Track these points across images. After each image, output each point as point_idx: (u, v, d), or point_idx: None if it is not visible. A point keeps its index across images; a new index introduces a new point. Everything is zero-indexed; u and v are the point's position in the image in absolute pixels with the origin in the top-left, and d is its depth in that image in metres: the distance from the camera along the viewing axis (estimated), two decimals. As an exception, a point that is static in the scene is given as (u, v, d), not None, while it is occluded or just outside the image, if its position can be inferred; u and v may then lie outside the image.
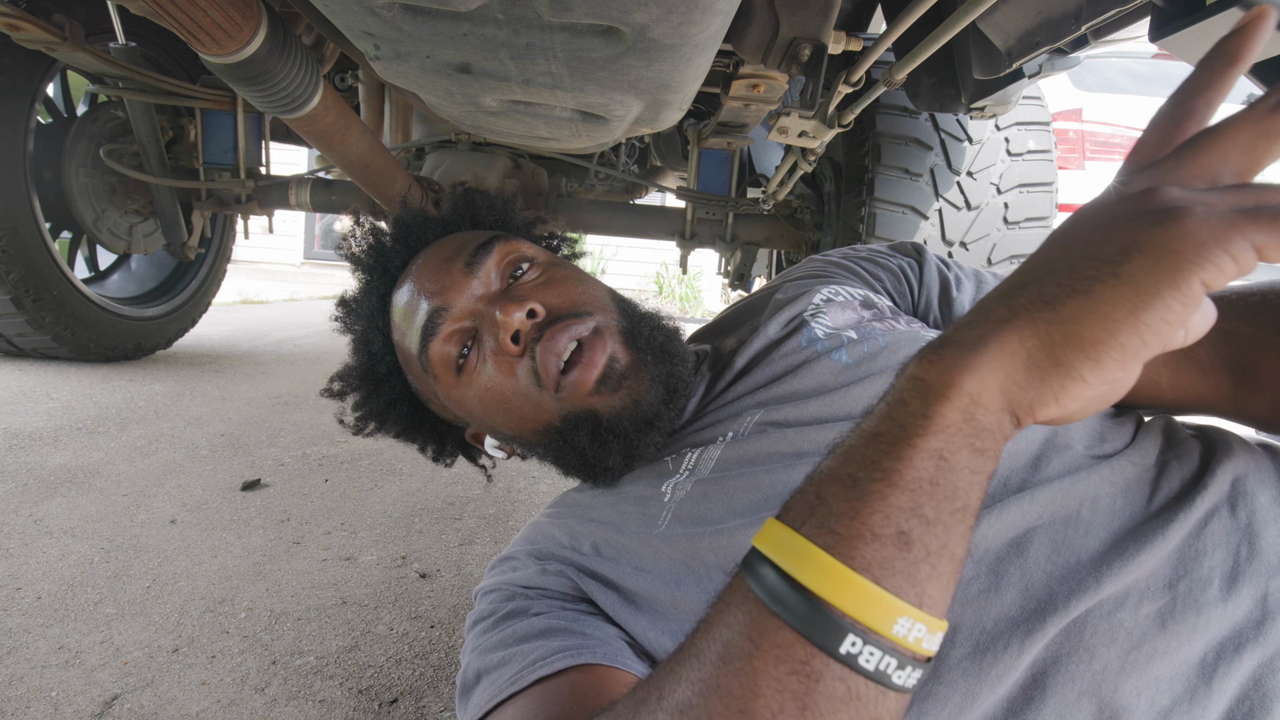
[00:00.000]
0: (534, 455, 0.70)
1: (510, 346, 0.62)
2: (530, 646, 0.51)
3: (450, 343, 0.66)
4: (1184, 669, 0.44)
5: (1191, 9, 0.83)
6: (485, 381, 0.65)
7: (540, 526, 0.67)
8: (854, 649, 0.29)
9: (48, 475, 1.51)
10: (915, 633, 0.30)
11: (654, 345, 0.64)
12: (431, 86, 1.21)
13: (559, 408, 0.62)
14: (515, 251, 0.69)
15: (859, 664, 0.29)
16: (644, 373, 0.62)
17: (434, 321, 0.66)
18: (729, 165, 2.39)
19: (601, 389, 0.61)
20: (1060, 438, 0.55)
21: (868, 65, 1.30)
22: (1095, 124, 3.98)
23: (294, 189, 2.45)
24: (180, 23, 1.03)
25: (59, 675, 0.89)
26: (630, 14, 0.86)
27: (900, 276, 0.74)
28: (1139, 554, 0.47)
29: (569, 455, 0.64)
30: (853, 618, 0.30)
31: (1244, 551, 0.47)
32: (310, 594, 1.12)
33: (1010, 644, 0.45)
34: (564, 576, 0.60)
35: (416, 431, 0.78)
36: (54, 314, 2.29)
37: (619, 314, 0.67)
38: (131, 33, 2.16)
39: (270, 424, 2.04)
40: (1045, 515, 0.49)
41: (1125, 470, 0.52)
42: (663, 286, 8.17)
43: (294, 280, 7.72)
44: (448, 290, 0.67)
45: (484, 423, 0.69)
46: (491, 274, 0.68)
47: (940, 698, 0.45)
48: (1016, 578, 0.47)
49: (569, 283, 0.68)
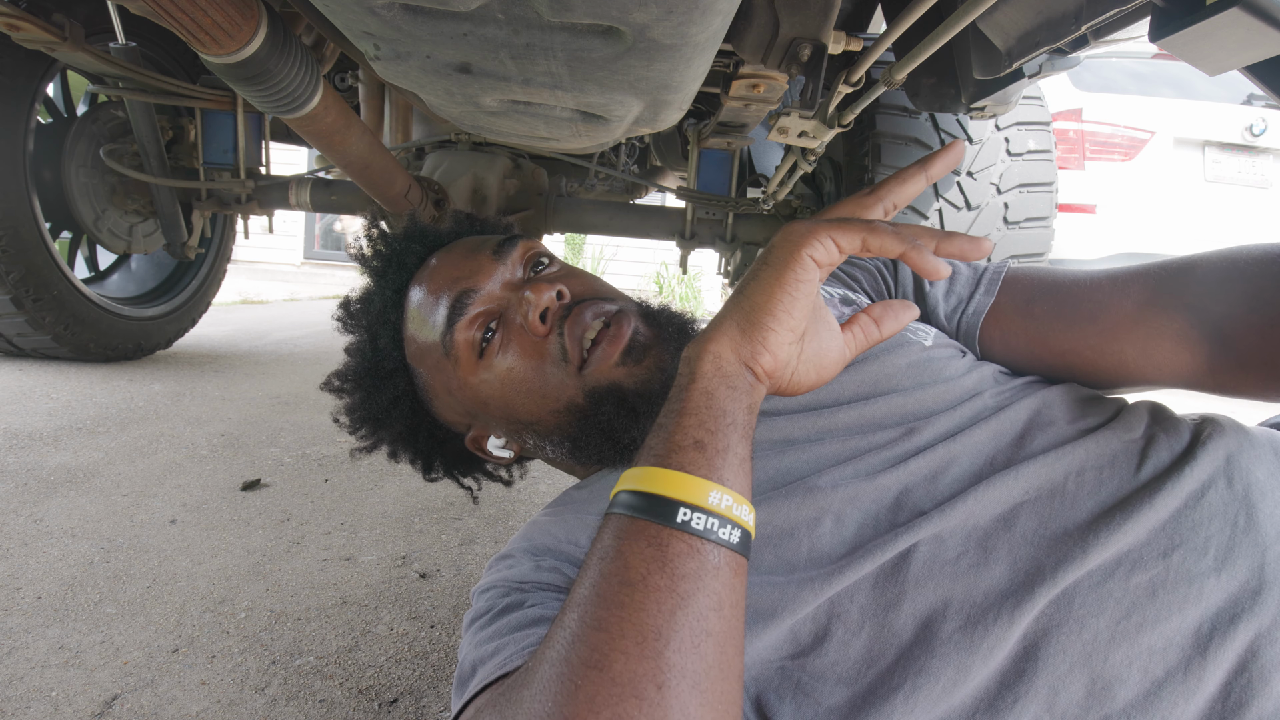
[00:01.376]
0: (547, 444, 0.70)
1: (538, 325, 0.65)
2: (523, 634, 0.52)
3: (475, 325, 0.67)
4: (1177, 639, 0.45)
5: (1191, 9, 0.83)
6: (509, 362, 0.66)
7: (538, 524, 0.67)
8: (685, 518, 0.40)
9: (48, 475, 1.51)
10: (725, 501, 0.42)
11: (674, 323, 0.68)
12: (431, 86, 1.21)
13: (583, 384, 0.64)
14: (536, 249, 0.73)
15: (691, 527, 0.40)
16: (667, 345, 0.65)
17: (463, 302, 0.68)
18: (729, 165, 2.39)
19: (627, 360, 0.64)
20: (1044, 415, 0.57)
21: (868, 65, 1.30)
22: (1095, 124, 3.98)
23: (294, 189, 2.44)
24: (180, 23, 1.03)
25: (59, 675, 0.89)
26: (630, 14, 0.86)
27: (877, 276, 0.77)
28: (1125, 523, 0.48)
29: (591, 434, 0.65)
30: (679, 499, 0.41)
31: (1241, 522, 0.48)
32: (310, 594, 1.12)
33: (1000, 616, 0.47)
34: (558, 572, 0.60)
35: (414, 436, 0.77)
36: (54, 314, 2.28)
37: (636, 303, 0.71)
38: (131, 33, 2.16)
39: (270, 424, 2.04)
40: (1032, 490, 0.51)
41: (1110, 443, 0.53)
42: (663, 286, 8.17)
43: (294, 280, 7.72)
44: (476, 274, 0.69)
45: (500, 409, 0.69)
46: (517, 264, 0.71)
47: (933, 671, 0.46)
48: (1005, 551, 0.49)
49: (589, 277, 0.72)
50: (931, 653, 0.47)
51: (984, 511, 0.51)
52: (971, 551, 0.50)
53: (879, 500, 0.53)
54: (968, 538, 0.50)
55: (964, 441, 0.55)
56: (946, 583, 0.49)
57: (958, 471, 0.54)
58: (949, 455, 0.55)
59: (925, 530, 0.51)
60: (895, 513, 0.53)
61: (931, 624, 0.48)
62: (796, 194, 2.58)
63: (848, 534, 0.53)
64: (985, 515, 0.51)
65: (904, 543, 0.51)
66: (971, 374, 0.62)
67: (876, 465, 0.55)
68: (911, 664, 0.47)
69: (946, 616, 0.48)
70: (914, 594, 0.49)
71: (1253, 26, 0.78)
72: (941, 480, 0.54)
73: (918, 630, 0.48)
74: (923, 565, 0.50)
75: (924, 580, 0.49)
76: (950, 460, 0.54)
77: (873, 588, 0.50)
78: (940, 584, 0.49)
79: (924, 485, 0.54)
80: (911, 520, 0.52)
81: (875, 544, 0.51)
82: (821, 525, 0.53)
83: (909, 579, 0.50)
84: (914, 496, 0.53)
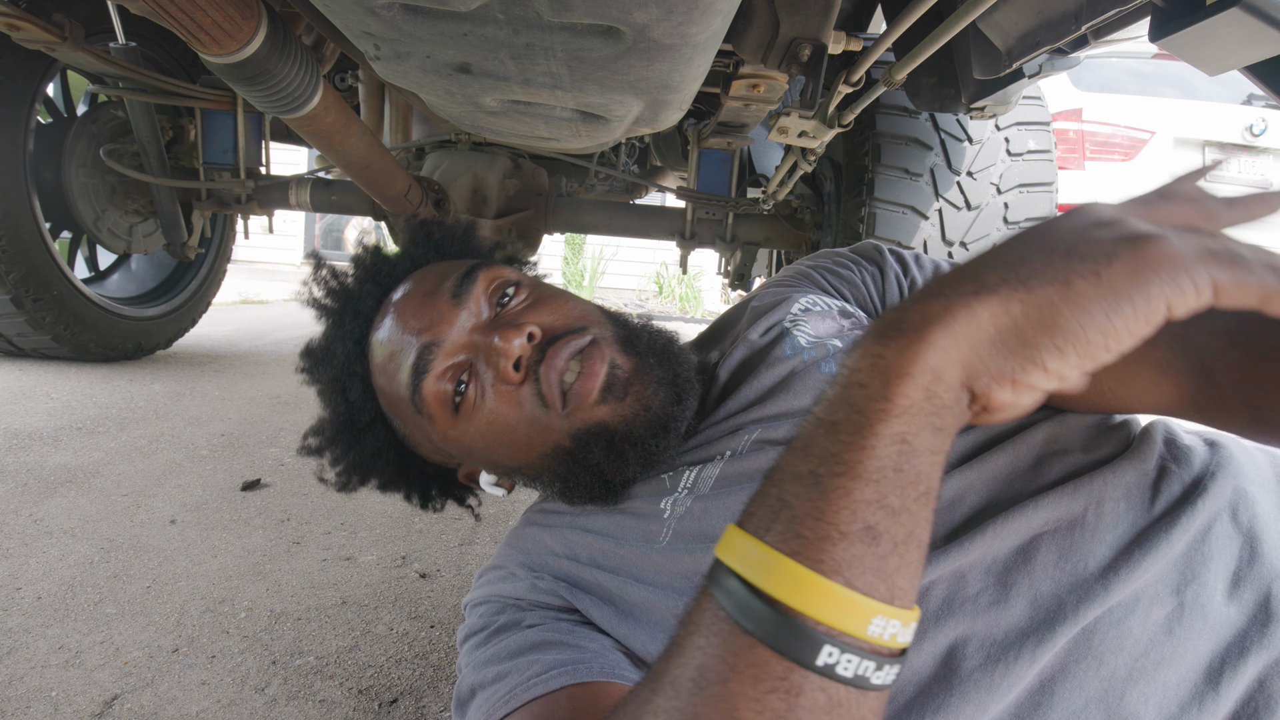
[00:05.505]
0: (537, 484, 0.68)
1: (512, 375, 0.60)
2: (525, 661, 0.50)
3: (445, 379, 0.63)
4: (1191, 675, 0.44)
5: (1191, 9, 0.83)
6: (487, 415, 0.62)
7: (531, 534, 0.65)
8: (831, 659, 0.28)
9: (48, 475, 1.51)
10: (890, 629, 0.29)
11: (654, 348, 0.63)
12: (431, 86, 1.21)
13: (568, 426, 0.60)
14: (499, 277, 0.67)
15: (837, 673, 0.28)
16: (648, 377, 0.61)
17: (425, 359, 0.62)
18: (729, 165, 2.39)
19: (608, 398, 0.59)
20: (1058, 441, 0.55)
21: (868, 65, 1.30)
22: (1095, 124, 3.98)
23: (294, 189, 2.44)
24: (180, 23, 1.03)
25: (59, 675, 0.89)
26: (630, 14, 0.86)
27: (863, 290, 0.74)
28: (1144, 559, 0.47)
29: (580, 475, 0.62)
30: (827, 625, 0.28)
31: (1246, 555, 0.47)
32: (310, 594, 1.12)
33: (1021, 654, 0.45)
34: (555, 594, 0.58)
35: (403, 479, 0.75)
36: (54, 314, 2.28)
37: (613, 325, 0.65)
38: (131, 33, 2.16)
39: (270, 424, 2.04)
40: (1051, 521, 0.49)
41: (1126, 473, 0.52)
42: (663, 286, 8.17)
43: (294, 280, 7.71)
44: (437, 324, 0.63)
45: (485, 458, 0.67)
46: (480, 302, 0.65)
47: (952, 709, 0.45)
48: (1025, 587, 0.47)
49: (558, 300, 0.66)
50: (951, 690, 0.46)
51: (1003, 545, 0.49)
52: (991, 588, 0.48)
53: None
54: (987, 572, 0.49)
55: (980, 469, 0.54)
56: (967, 620, 0.47)
57: (975, 500, 0.53)
58: (965, 483, 0.53)
59: (945, 567, 0.49)
60: None
61: (951, 661, 0.47)
62: (796, 194, 2.58)
63: None
64: (1004, 548, 0.49)
65: (925, 578, 0.49)
66: None
67: None
68: (930, 701, 0.46)
69: (967, 654, 0.47)
70: (934, 631, 0.48)
71: (1253, 26, 0.78)
72: (959, 509, 0.52)
73: (937, 667, 0.47)
74: (942, 601, 0.49)
75: (944, 617, 0.48)
76: (967, 488, 0.53)
77: None
78: (960, 621, 0.48)
79: (943, 512, 0.52)
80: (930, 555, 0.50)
81: None
82: None
83: (928, 615, 0.48)
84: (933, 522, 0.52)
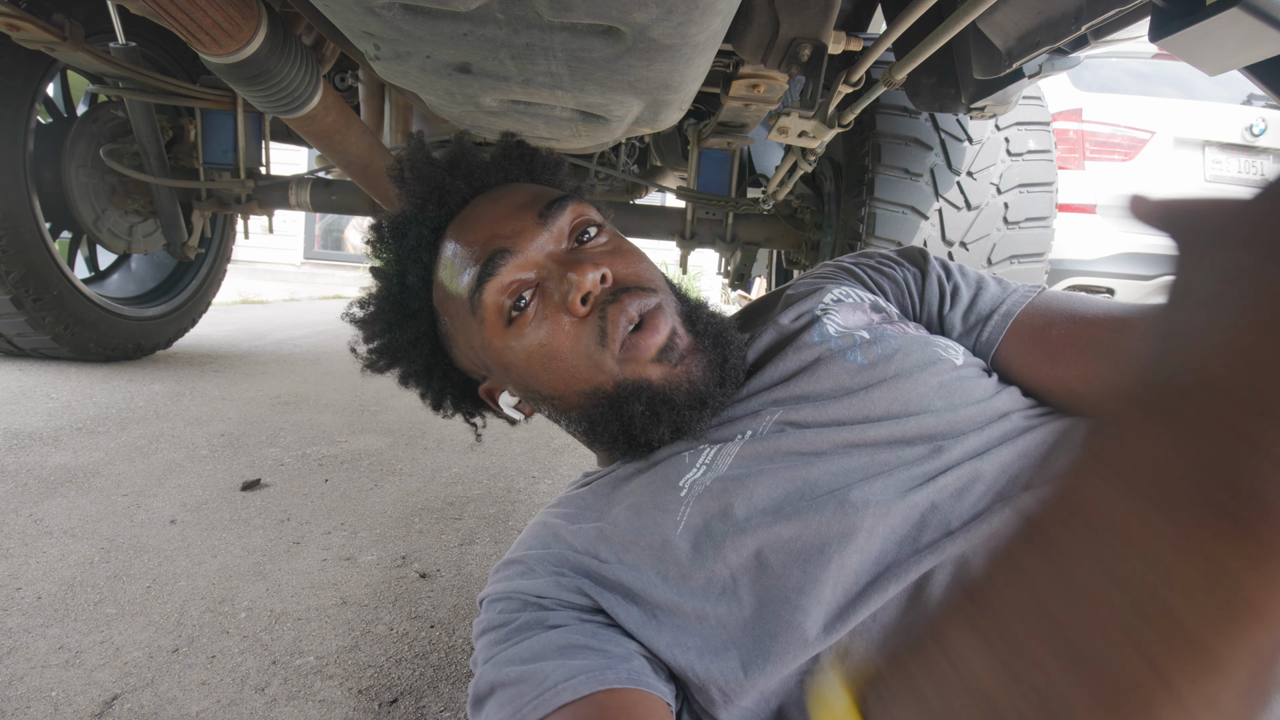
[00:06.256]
0: (563, 418, 0.68)
1: (579, 308, 0.62)
2: (550, 666, 0.50)
3: (508, 291, 0.64)
4: None
5: (1191, 9, 0.84)
6: (542, 337, 0.63)
7: (552, 528, 0.64)
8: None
9: (48, 475, 1.51)
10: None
11: (711, 331, 0.65)
12: (431, 86, 1.21)
13: (617, 372, 0.62)
14: (586, 215, 0.68)
15: None
16: (701, 357, 0.63)
17: (496, 262, 0.64)
18: (729, 165, 2.39)
19: (662, 359, 0.61)
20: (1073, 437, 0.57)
21: (868, 65, 1.30)
22: (1095, 124, 3.97)
23: (294, 189, 2.45)
24: (180, 23, 1.03)
25: (59, 675, 0.89)
26: (630, 14, 0.86)
27: (904, 289, 0.75)
28: None
29: (611, 423, 0.63)
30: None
31: None
32: (310, 594, 1.12)
33: None
34: (581, 592, 0.58)
35: (427, 377, 0.75)
36: (54, 314, 2.29)
37: (678, 298, 0.67)
38: (131, 33, 2.16)
39: (270, 424, 2.04)
40: None
41: None
42: (663, 286, 8.17)
43: (294, 280, 7.72)
44: (519, 235, 0.65)
45: (520, 377, 0.67)
46: (564, 230, 0.66)
47: None
48: None
49: (634, 255, 0.67)
50: None
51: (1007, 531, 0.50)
52: None
53: (907, 519, 0.53)
54: None
55: (990, 460, 0.55)
56: None
57: (982, 489, 0.54)
58: (975, 472, 0.54)
59: (950, 551, 0.50)
60: (920, 530, 0.52)
61: None
62: (796, 194, 2.58)
63: (875, 553, 0.52)
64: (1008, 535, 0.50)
65: (928, 563, 0.50)
66: (1000, 395, 0.62)
67: (906, 482, 0.54)
68: None
69: None
70: None
71: (1253, 26, 0.78)
72: (967, 497, 0.53)
73: None
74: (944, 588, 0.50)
75: None
76: (976, 477, 0.54)
77: (896, 608, 0.50)
78: None
79: (950, 502, 0.53)
80: (938, 540, 0.51)
81: (902, 565, 0.51)
82: (853, 542, 0.52)
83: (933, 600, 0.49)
84: (941, 513, 0.53)
